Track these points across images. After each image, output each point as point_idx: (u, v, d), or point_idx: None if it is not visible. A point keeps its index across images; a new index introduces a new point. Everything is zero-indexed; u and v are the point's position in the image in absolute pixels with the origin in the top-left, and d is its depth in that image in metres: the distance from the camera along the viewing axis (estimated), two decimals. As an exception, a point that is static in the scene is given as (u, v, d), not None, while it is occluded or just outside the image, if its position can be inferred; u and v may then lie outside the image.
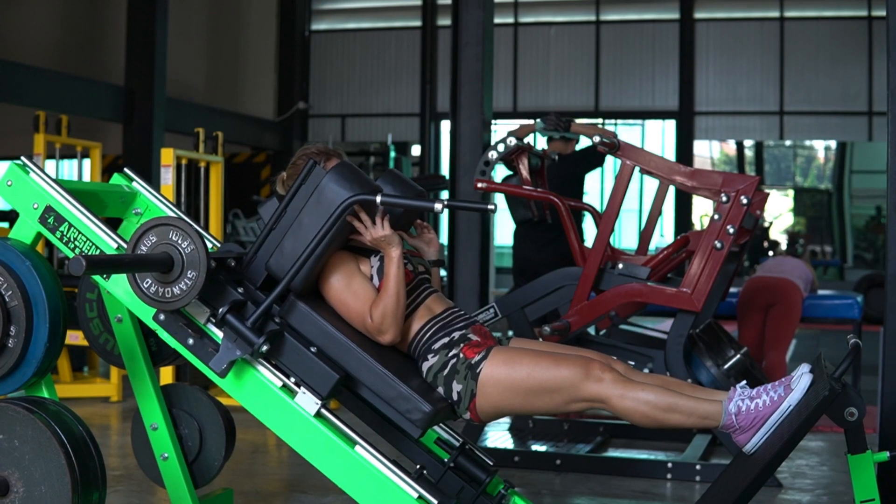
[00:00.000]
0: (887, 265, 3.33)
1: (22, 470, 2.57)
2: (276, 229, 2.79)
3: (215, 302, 2.71)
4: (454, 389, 2.75)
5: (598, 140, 4.08)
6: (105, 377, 6.53)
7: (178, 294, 2.59)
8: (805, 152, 20.23)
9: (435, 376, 2.78)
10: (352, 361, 2.71)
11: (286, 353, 2.71)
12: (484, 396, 2.73)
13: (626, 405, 2.67)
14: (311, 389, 2.67)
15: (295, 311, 2.74)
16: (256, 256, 2.82)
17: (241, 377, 2.70)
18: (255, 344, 2.62)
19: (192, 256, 2.57)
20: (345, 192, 2.74)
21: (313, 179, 2.78)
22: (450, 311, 2.89)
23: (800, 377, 2.63)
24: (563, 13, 16.54)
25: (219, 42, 16.92)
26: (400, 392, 2.67)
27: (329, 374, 2.67)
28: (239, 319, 2.65)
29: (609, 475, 4.34)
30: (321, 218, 2.73)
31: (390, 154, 14.26)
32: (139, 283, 2.62)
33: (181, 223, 2.60)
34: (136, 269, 2.57)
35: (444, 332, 2.82)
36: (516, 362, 2.73)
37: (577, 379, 2.68)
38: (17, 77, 11.30)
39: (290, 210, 2.79)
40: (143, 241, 2.62)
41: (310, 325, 2.73)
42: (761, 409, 2.62)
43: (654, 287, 4.12)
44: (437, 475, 2.93)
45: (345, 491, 2.65)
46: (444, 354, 2.78)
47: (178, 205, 4.72)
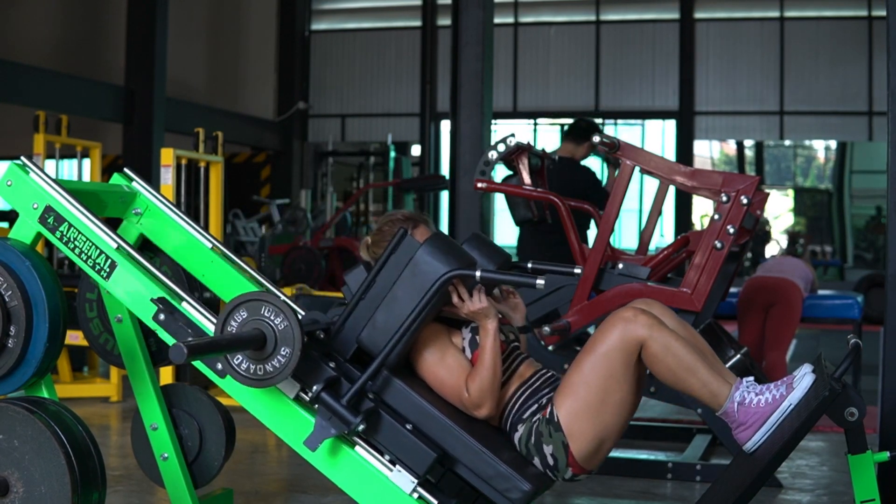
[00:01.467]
0: (887, 265, 3.32)
1: (22, 470, 2.57)
2: (366, 300, 2.72)
3: (306, 377, 2.64)
4: (547, 453, 2.70)
5: (597, 140, 4.08)
6: (105, 377, 6.52)
7: (272, 371, 2.50)
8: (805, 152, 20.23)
9: (527, 447, 2.73)
10: (448, 439, 2.65)
11: (382, 432, 2.64)
12: (576, 438, 2.67)
13: (655, 350, 2.63)
14: (407, 467, 2.61)
15: (389, 387, 2.68)
16: (345, 327, 2.75)
17: (336, 455, 2.64)
18: (352, 423, 2.56)
19: (286, 332, 2.48)
20: (441, 266, 2.66)
21: (405, 250, 2.71)
22: (538, 376, 2.83)
23: (802, 377, 2.63)
24: (563, 13, 16.53)
25: (219, 42, 16.92)
26: (498, 471, 2.62)
27: (426, 453, 2.61)
28: (334, 397, 2.58)
29: (609, 475, 4.34)
30: (416, 291, 2.66)
31: (390, 154, 14.26)
32: (230, 360, 2.54)
33: (272, 298, 2.52)
34: (232, 350, 2.48)
35: (534, 400, 2.77)
36: (570, 384, 2.69)
37: (615, 339, 2.64)
38: (17, 77, 11.30)
39: (380, 280, 2.71)
40: (233, 316, 2.52)
41: (404, 402, 2.68)
42: (763, 406, 2.62)
43: (654, 287, 4.11)
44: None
45: (345, 491, 2.64)
46: (530, 422, 2.73)
47: (178, 205, 4.72)
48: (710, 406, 2.68)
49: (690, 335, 2.78)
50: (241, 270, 3.16)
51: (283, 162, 16.69)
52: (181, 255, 3.18)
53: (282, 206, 13.36)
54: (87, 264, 2.82)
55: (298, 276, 10.18)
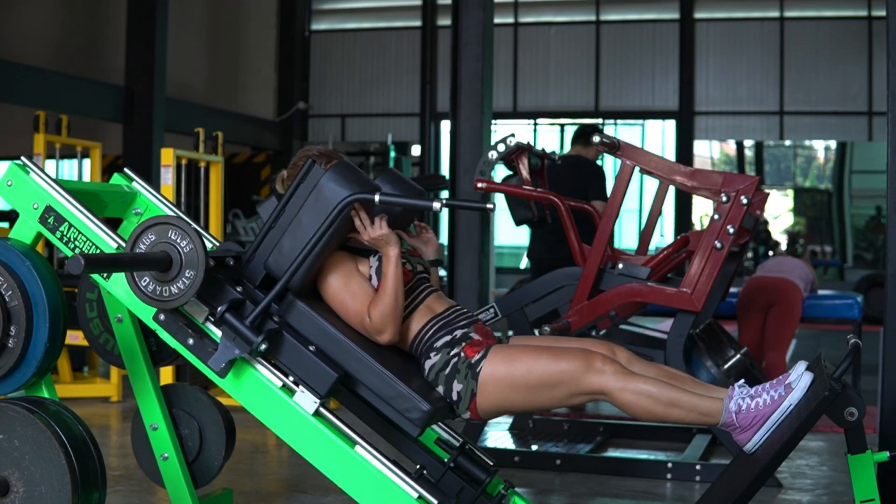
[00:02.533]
0: (887, 265, 3.33)
1: (22, 470, 2.57)
2: (275, 228, 2.79)
3: (214, 301, 2.70)
4: (454, 389, 2.76)
5: (597, 140, 4.08)
6: (105, 377, 6.52)
7: (177, 293, 2.59)
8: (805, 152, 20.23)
9: (436, 375, 2.78)
10: (351, 360, 2.71)
11: (285, 352, 2.71)
12: (484, 395, 2.73)
13: (627, 398, 2.66)
14: (310, 388, 2.67)
15: (294, 310, 2.74)
16: (255, 255, 2.82)
17: (241, 376, 2.70)
18: (254, 343, 2.62)
19: (191, 255, 2.57)
20: (343, 190, 2.74)
21: (312, 178, 2.78)
22: (452, 310, 2.89)
23: (799, 376, 2.64)
24: (563, 13, 16.53)
25: (219, 42, 16.92)
26: (399, 391, 2.67)
27: (328, 373, 2.67)
28: (238, 318, 2.65)
29: (609, 475, 4.34)
30: (320, 217, 2.73)
31: (390, 154, 14.26)
32: (137, 282, 2.62)
33: (180, 222, 2.60)
34: (134, 267, 2.57)
35: (447, 331, 2.82)
36: (516, 359, 2.73)
37: (578, 372, 2.68)
38: (17, 77, 11.30)
39: (288, 209, 2.79)
40: (141, 239, 2.62)
41: (308, 324, 2.73)
42: (761, 408, 2.62)
43: (654, 287, 4.11)
44: (437, 475, 2.93)
45: (345, 491, 2.65)
46: (445, 353, 2.78)
47: (178, 205, 4.72)
48: (707, 425, 2.70)
49: (662, 373, 2.79)
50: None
51: (283, 162, 16.68)
52: (181, 255, 3.18)
53: (282, 206, 13.33)
54: (88, 264, 2.81)
55: (298, 276, 10.17)
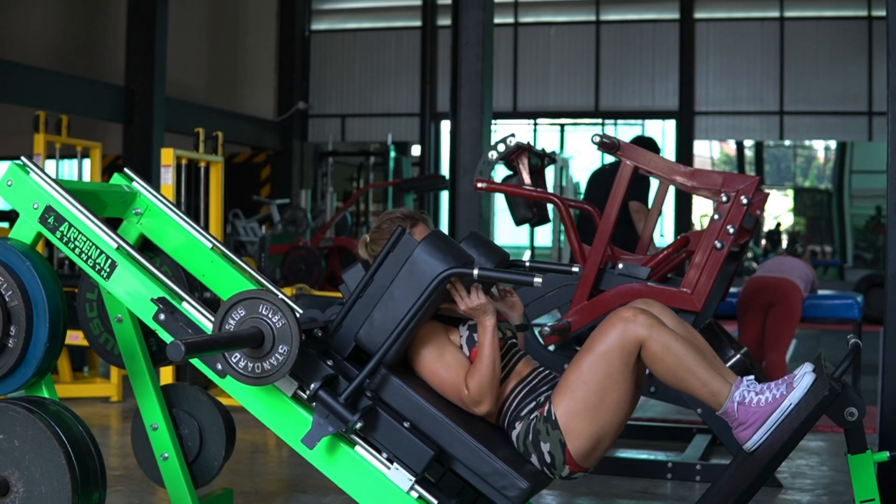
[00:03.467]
0: (887, 265, 3.32)
1: (22, 470, 2.57)
2: (364, 298, 2.72)
3: (304, 375, 2.64)
4: (545, 451, 2.70)
5: (597, 139, 4.08)
6: (105, 377, 6.52)
7: (270, 369, 2.50)
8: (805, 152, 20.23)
9: (524, 444, 2.73)
10: (446, 436, 2.65)
11: (379, 430, 2.64)
12: (573, 436, 2.67)
13: (655, 350, 2.63)
14: (405, 465, 2.61)
15: (387, 384, 2.68)
16: (343, 325, 2.74)
17: (334, 453, 2.64)
18: (350, 421, 2.55)
19: (283, 331, 2.49)
20: (439, 264, 2.65)
21: (402, 248, 2.70)
22: (536, 373, 2.83)
23: (802, 376, 2.63)
24: (563, 13, 16.54)
25: (219, 42, 16.93)
26: (495, 468, 2.62)
27: (423, 451, 2.61)
28: (331, 395, 2.58)
29: (609, 475, 4.34)
30: (414, 290, 2.65)
31: (390, 154, 14.26)
32: (227, 359, 2.54)
33: (270, 296, 2.52)
34: (230, 347, 2.48)
35: (532, 397, 2.77)
36: (568, 383, 2.69)
37: (614, 339, 2.64)
38: (17, 77, 11.30)
39: (377, 279, 2.71)
40: (230, 314, 2.53)
41: (402, 400, 2.67)
42: (763, 406, 2.62)
43: (654, 287, 4.11)
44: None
45: (345, 491, 2.64)
46: (528, 419, 2.73)
47: (178, 205, 4.71)
48: (710, 405, 2.68)
49: (690, 335, 2.78)
50: (240, 270, 3.16)
51: (283, 162, 16.70)
52: (181, 255, 3.18)
53: (282, 206, 13.36)
54: (88, 264, 2.82)
55: (298, 276, 10.19)
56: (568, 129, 17.46)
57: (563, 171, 10.99)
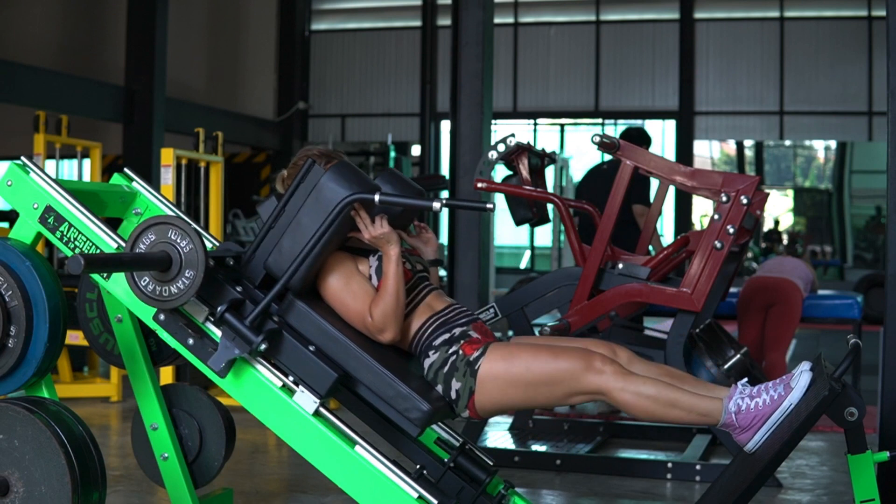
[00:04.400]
0: (887, 265, 3.32)
1: (22, 470, 2.57)
2: (275, 228, 2.79)
3: (214, 301, 2.70)
4: (453, 387, 2.76)
5: (597, 139, 4.08)
6: (105, 377, 6.52)
7: (176, 293, 2.59)
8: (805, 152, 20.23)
9: (435, 373, 2.78)
10: (350, 360, 2.71)
11: (285, 352, 2.71)
12: (483, 393, 2.73)
13: (627, 399, 2.66)
14: (310, 388, 2.67)
15: (293, 310, 2.74)
16: (255, 255, 2.81)
17: (241, 376, 2.70)
18: (254, 343, 2.62)
19: (191, 255, 2.57)
20: (343, 190, 2.74)
21: (312, 178, 2.78)
22: (451, 308, 2.89)
23: (799, 375, 2.63)
24: (563, 13, 16.54)
25: (219, 42, 16.93)
26: (398, 391, 2.67)
27: (327, 373, 2.67)
28: (237, 318, 2.65)
29: (609, 475, 4.34)
30: (320, 217, 2.73)
31: (390, 154, 14.26)
32: (137, 282, 2.62)
33: (179, 222, 2.60)
34: (134, 267, 2.57)
35: (445, 329, 2.82)
36: (514, 357, 2.73)
37: (577, 372, 2.68)
38: (17, 77, 11.30)
39: (288, 209, 2.79)
40: (141, 239, 2.62)
41: (308, 324, 2.73)
42: (761, 408, 2.62)
43: (654, 287, 4.11)
44: (437, 475, 2.93)
45: (345, 491, 2.65)
46: (444, 351, 2.78)
47: (178, 205, 4.72)
48: (706, 425, 2.70)
49: (662, 371, 2.80)
50: (241, 270, 3.16)
51: (283, 162, 16.69)
52: (181, 255, 3.18)
53: (282, 206, 13.34)
54: (88, 264, 2.81)
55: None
56: (568, 129, 17.47)
57: (563, 171, 10.99)
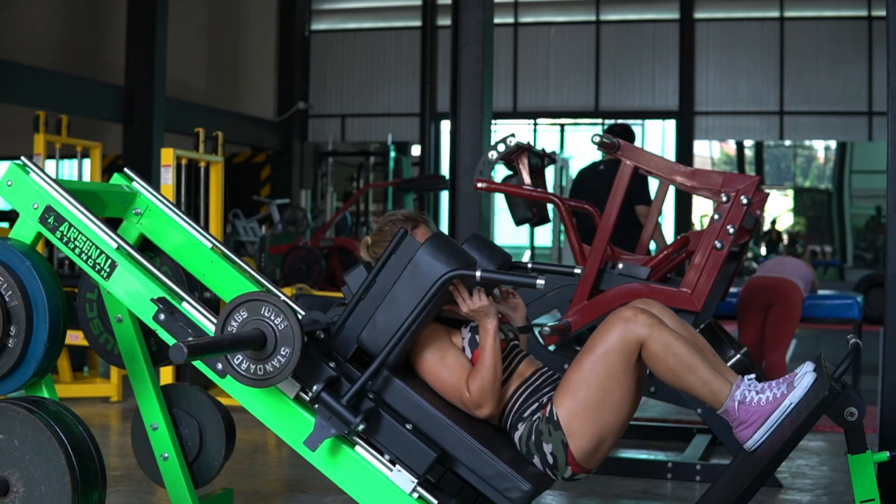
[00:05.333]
0: (887, 265, 3.32)
1: (22, 470, 2.57)
2: (366, 300, 2.72)
3: (306, 377, 2.64)
4: (547, 452, 2.70)
5: (597, 139, 4.07)
6: (105, 377, 6.52)
7: (272, 371, 2.50)
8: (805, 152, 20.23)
9: (527, 445, 2.73)
10: (449, 439, 2.66)
11: (382, 431, 2.64)
12: (575, 437, 2.67)
13: (655, 350, 2.63)
14: (407, 467, 2.61)
15: (390, 386, 2.69)
16: (345, 327, 2.75)
17: (336, 455, 2.64)
18: (352, 423, 2.56)
19: (286, 332, 2.48)
20: (442, 266, 2.66)
21: (405, 250, 2.70)
22: (539, 374, 2.83)
23: (803, 375, 2.63)
24: (563, 13, 16.54)
25: (219, 42, 16.92)
26: (498, 470, 2.63)
27: (426, 453, 2.61)
28: (334, 397, 2.58)
29: (609, 475, 4.34)
30: (417, 292, 2.65)
31: (390, 154, 14.26)
32: (230, 360, 2.54)
33: (272, 298, 2.52)
34: (233, 349, 2.48)
35: (535, 398, 2.77)
36: (570, 383, 2.69)
37: (615, 339, 2.65)
38: (17, 77, 11.30)
39: (380, 280, 2.71)
40: (233, 316, 2.53)
41: (404, 402, 2.68)
42: (764, 405, 2.62)
43: (654, 287, 4.11)
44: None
45: (345, 491, 2.65)
46: (530, 420, 2.74)
47: (178, 205, 4.71)
48: (710, 404, 2.68)
49: (690, 334, 2.78)
50: (241, 270, 3.16)
51: (283, 162, 16.70)
52: (181, 255, 3.18)
53: (282, 206, 13.37)
54: (88, 264, 2.82)
55: (298, 276, 10.19)
56: (568, 129, 17.46)
57: (563, 171, 10.99)
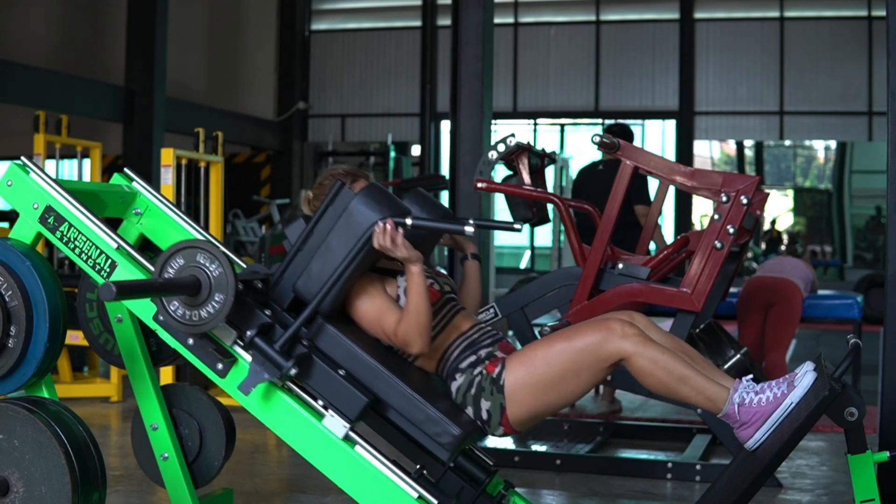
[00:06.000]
0: (887, 265, 3.32)
1: (22, 470, 2.57)
2: (304, 251, 2.77)
3: (243, 324, 2.68)
4: (483, 408, 2.74)
5: (597, 139, 4.07)
6: (105, 377, 6.52)
7: (206, 317, 2.55)
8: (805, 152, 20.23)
9: (464, 396, 2.78)
10: (381, 385, 2.69)
11: (314, 377, 2.68)
12: (514, 405, 2.72)
13: (643, 365, 2.65)
14: (340, 413, 2.64)
15: (323, 334, 2.73)
16: (283, 278, 2.79)
17: (269, 400, 2.67)
18: (284, 367, 2.60)
19: (220, 279, 2.53)
20: (375, 214, 2.71)
21: (341, 201, 2.76)
22: (476, 329, 2.88)
23: (803, 375, 2.63)
24: (563, 13, 16.54)
25: (219, 42, 16.92)
26: (429, 415, 2.66)
27: (358, 398, 2.64)
28: (267, 343, 2.62)
29: (609, 475, 4.34)
30: (350, 240, 2.71)
31: (390, 154, 14.25)
32: (166, 307, 2.59)
33: (208, 245, 2.56)
34: (164, 293, 2.53)
35: (472, 351, 2.81)
36: (532, 357, 2.73)
37: (596, 344, 2.67)
38: (17, 77, 11.31)
39: (317, 231, 2.76)
40: (169, 264, 2.58)
41: (338, 348, 2.72)
42: (764, 405, 2.62)
43: (654, 287, 4.11)
44: (437, 475, 2.93)
45: (345, 491, 2.65)
46: (470, 373, 2.78)
47: (178, 205, 4.71)
48: (709, 410, 2.69)
49: (677, 345, 2.80)
50: (241, 270, 3.16)
51: (283, 162, 16.70)
52: (181, 255, 3.18)
53: (282, 206, 13.36)
54: (88, 264, 2.82)
55: (298, 276, 10.16)
56: (568, 129, 17.46)
57: (563, 171, 10.98)
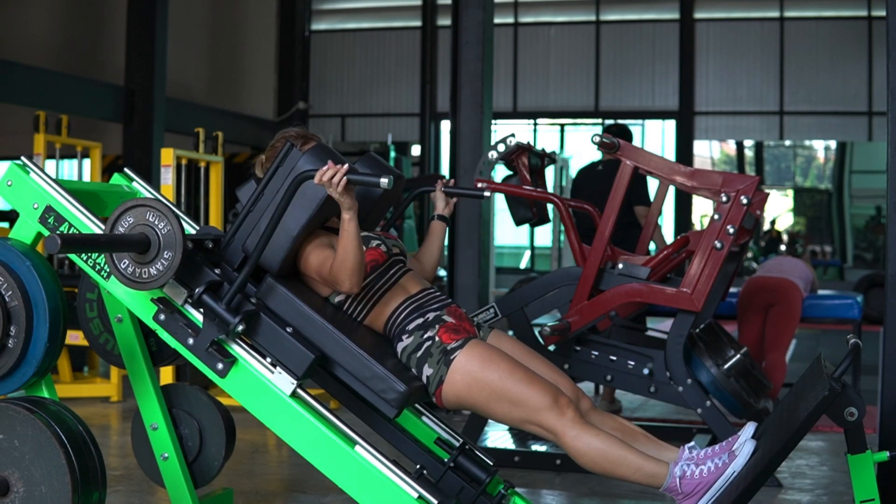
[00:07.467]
0: (887, 265, 3.32)
1: (22, 470, 2.57)
2: (254, 211, 2.82)
3: (192, 283, 2.73)
4: (424, 373, 2.79)
5: (597, 140, 4.08)
6: (105, 377, 6.52)
7: (155, 274, 2.60)
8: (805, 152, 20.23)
9: (408, 357, 2.82)
10: (327, 342, 2.73)
11: (262, 334, 2.72)
12: (450, 384, 2.76)
13: (578, 447, 2.71)
14: (287, 370, 2.68)
15: (272, 292, 2.78)
16: (235, 238, 2.84)
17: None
18: (231, 323, 2.64)
19: (169, 237, 2.59)
20: None
21: (290, 161, 2.82)
22: (425, 292, 2.92)
23: (743, 444, 2.66)
24: (563, 13, 16.54)
25: (219, 42, 16.92)
26: (375, 372, 2.69)
27: (304, 355, 2.68)
28: (215, 300, 2.67)
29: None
30: (297, 197, 2.75)
31: (390, 154, 14.26)
32: (117, 265, 2.64)
33: (157, 204, 2.62)
34: (111, 248, 2.57)
35: (419, 314, 2.85)
36: (492, 363, 2.76)
37: (542, 405, 2.72)
38: (17, 77, 11.30)
39: (267, 192, 2.82)
40: (120, 222, 2.64)
41: (287, 307, 2.76)
42: (706, 475, 2.66)
43: (654, 287, 4.11)
44: (437, 475, 2.93)
45: (345, 491, 2.65)
46: (418, 336, 2.81)
47: (178, 205, 4.72)
48: (650, 486, 2.73)
49: (614, 425, 2.86)
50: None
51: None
52: (181, 255, 3.18)
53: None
54: (88, 264, 2.82)
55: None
56: (568, 129, 17.46)
57: (563, 171, 10.98)
